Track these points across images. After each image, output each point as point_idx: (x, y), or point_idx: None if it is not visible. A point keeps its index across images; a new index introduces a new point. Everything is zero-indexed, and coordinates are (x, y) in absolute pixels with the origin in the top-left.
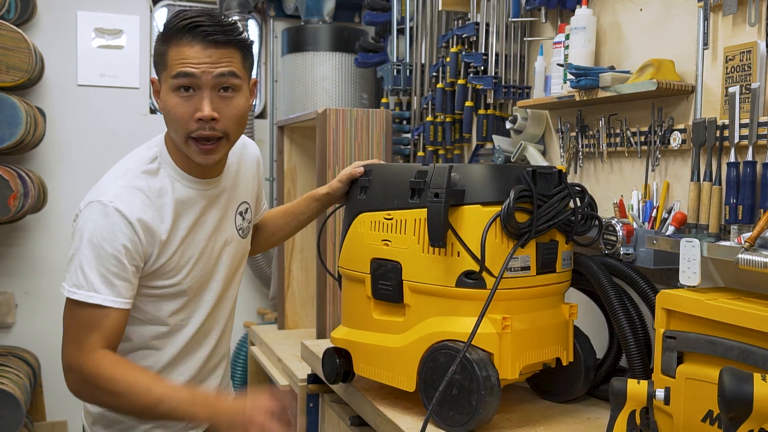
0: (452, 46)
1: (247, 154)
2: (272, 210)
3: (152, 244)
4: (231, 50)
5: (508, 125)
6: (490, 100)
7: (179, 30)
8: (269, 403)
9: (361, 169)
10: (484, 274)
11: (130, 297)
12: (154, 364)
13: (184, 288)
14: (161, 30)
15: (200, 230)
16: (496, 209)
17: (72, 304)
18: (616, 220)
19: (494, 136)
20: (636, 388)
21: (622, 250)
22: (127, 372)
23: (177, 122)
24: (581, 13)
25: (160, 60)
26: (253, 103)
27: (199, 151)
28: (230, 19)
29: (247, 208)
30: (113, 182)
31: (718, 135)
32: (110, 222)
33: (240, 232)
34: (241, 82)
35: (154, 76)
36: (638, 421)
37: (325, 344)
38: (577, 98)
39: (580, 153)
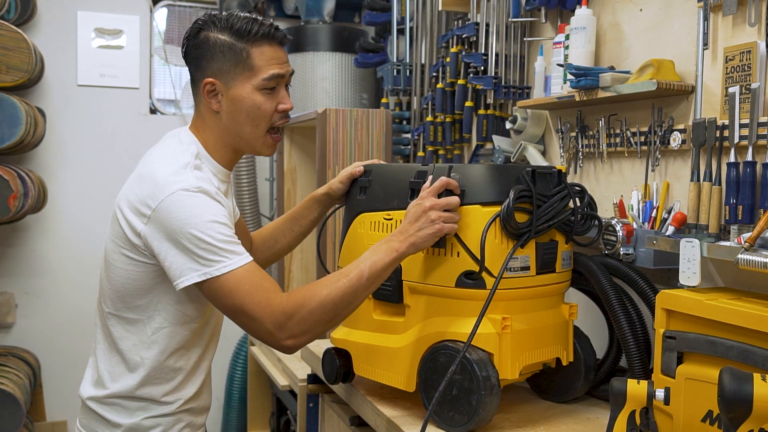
0: (452, 46)
1: None
2: (274, 220)
3: (232, 223)
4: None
5: (508, 125)
6: (490, 100)
7: (264, 35)
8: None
9: (361, 169)
10: (483, 274)
11: None
12: (185, 365)
13: None
14: (236, 31)
15: (230, 222)
16: (496, 209)
17: (224, 283)
18: (616, 220)
19: (494, 136)
20: (636, 388)
21: (622, 250)
22: (316, 283)
23: (263, 117)
24: (581, 13)
25: (238, 60)
26: None
27: (273, 142)
28: None
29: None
30: (182, 173)
31: (718, 135)
32: (204, 202)
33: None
34: None
35: (210, 78)
36: (638, 421)
37: (325, 344)
38: (577, 98)
39: (580, 153)
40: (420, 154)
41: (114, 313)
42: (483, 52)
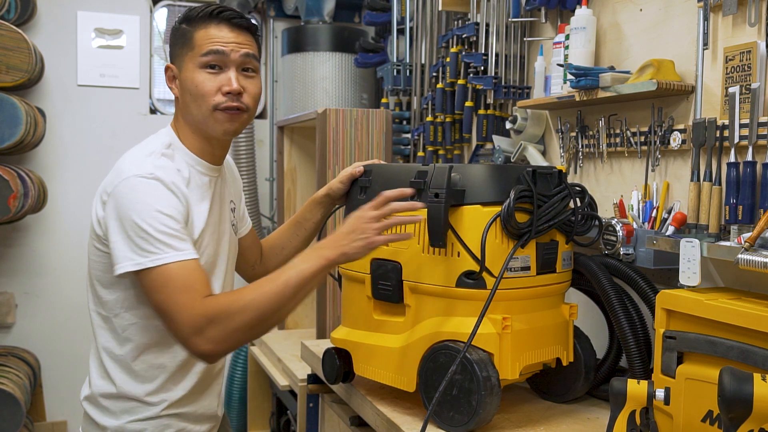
0: (452, 46)
1: (227, 159)
2: (278, 228)
3: (187, 217)
4: (250, 35)
5: (508, 125)
6: (490, 100)
7: (207, 14)
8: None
9: (361, 169)
10: (484, 274)
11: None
12: (168, 363)
13: None
14: (184, 16)
15: (213, 215)
16: (496, 209)
17: (156, 275)
18: (616, 220)
19: (494, 136)
20: (636, 388)
21: (622, 250)
22: (241, 288)
23: (203, 96)
24: (581, 13)
25: (184, 42)
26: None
27: (225, 118)
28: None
29: (234, 207)
30: (143, 161)
31: (718, 135)
32: (155, 189)
33: (233, 227)
34: (258, 66)
35: (169, 63)
36: (638, 421)
37: (325, 344)
38: (577, 98)
39: (580, 153)
40: (420, 154)
41: (94, 309)
42: (483, 52)
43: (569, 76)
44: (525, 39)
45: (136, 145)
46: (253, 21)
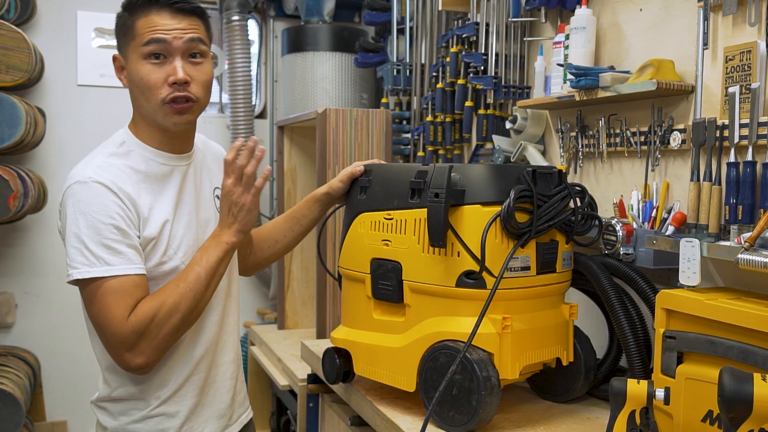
0: (452, 46)
1: (215, 149)
2: (274, 219)
3: (138, 215)
4: (196, 19)
5: (508, 125)
6: (490, 100)
7: (146, 1)
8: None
9: (362, 168)
10: (484, 274)
11: (142, 262)
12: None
13: (178, 263)
14: (125, 3)
15: (184, 203)
16: (496, 209)
17: (89, 287)
18: (616, 220)
19: (494, 136)
20: (636, 388)
21: (622, 250)
22: (159, 291)
23: (150, 89)
24: (581, 13)
25: (125, 31)
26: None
27: (174, 111)
28: None
29: (220, 194)
30: (87, 165)
31: (718, 135)
32: (96, 194)
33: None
34: (207, 50)
35: (116, 53)
36: (638, 421)
37: (325, 344)
38: (577, 98)
39: (580, 153)
40: (420, 154)
41: (84, 314)
42: (483, 52)
43: (569, 76)
44: (525, 39)
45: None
46: (200, 4)
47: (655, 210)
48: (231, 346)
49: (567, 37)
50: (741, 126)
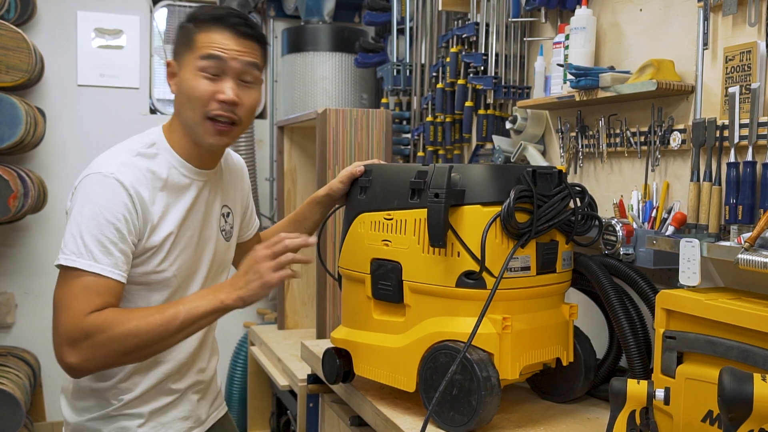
0: (452, 46)
1: (231, 161)
2: (277, 223)
3: (145, 222)
4: (255, 45)
5: (508, 125)
6: (490, 100)
7: (212, 17)
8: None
9: (362, 168)
10: (484, 274)
11: (126, 271)
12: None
13: (170, 276)
14: (191, 15)
15: (191, 219)
16: (496, 209)
17: (68, 274)
18: (616, 220)
19: (494, 136)
20: (636, 388)
21: (622, 250)
22: (132, 310)
23: (197, 100)
24: (581, 13)
25: (186, 41)
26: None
27: (215, 131)
28: (254, 20)
29: (229, 212)
30: (112, 159)
31: (717, 135)
32: (111, 191)
33: (223, 233)
34: (259, 76)
35: (170, 58)
36: (638, 421)
37: (325, 344)
38: (577, 98)
39: (580, 153)
40: (420, 154)
41: None
42: (483, 52)
43: (569, 76)
44: (525, 39)
45: (125, 140)
46: (262, 29)
47: (655, 210)
48: (205, 357)
49: (567, 37)
50: (741, 126)
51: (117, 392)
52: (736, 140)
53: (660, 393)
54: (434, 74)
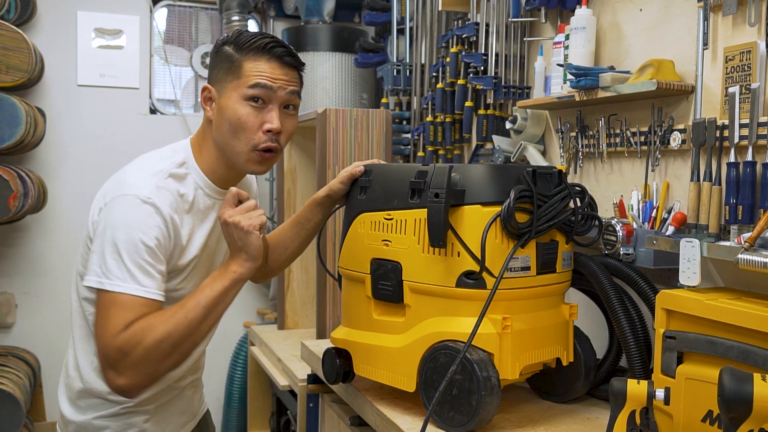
0: (452, 46)
1: (244, 181)
2: (279, 226)
3: (175, 245)
4: (297, 73)
5: (508, 125)
6: (490, 100)
7: (261, 47)
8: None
9: (362, 169)
10: (484, 274)
11: (164, 291)
12: None
13: (186, 292)
14: (233, 41)
15: (212, 239)
16: (497, 209)
17: (109, 298)
18: (616, 220)
19: (494, 136)
20: (636, 388)
21: (622, 250)
22: (153, 316)
23: (245, 131)
24: (581, 13)
25: (230, 67)
26: None
27: (261, 160)
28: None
29: None
30: (146, 180)
31: (718, 135)
32: (147, 215)
33: None
34: (299, 104)
35: (207, 84)
36: (638, 421)
37: (325, 344)
38: (577, 98)
39: (580, 153)
40: (420, 154)
41: (75, 299)
42: (483, 52)
43: (569, 76)
44: (525, 39)
45: (148, 154)
46: (301, 60)
47: (655, 210)
48: (200, 359)
49: (567, 37)
50: (741, 126)
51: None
52: (736, 140)
53: (660, 393)
54: (434, 74)
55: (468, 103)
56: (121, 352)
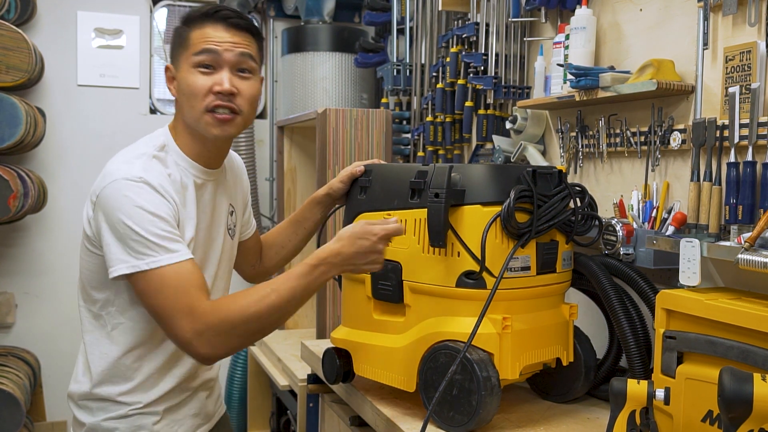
0: (452, 46)
1: (232, 161)
2: (278, 225)
3: (176, 222)
4: (249, 36)
5: (508, 125)
6: (490, 100)
7: (203, 14)
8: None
9: (362, 168)
10: (484, 274)
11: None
12: (148, 367)
13: None
14: (183, 17)
15: (203, 220)
16: (497, 209)
17: (155, 277)
18: (616, 220)
19: (494, 136)
20: (636, 388)
21: (622, 250)
22: (245, 295)
23: (195, 96)
24: (581, 13)
25: (180, 42)
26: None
27: (216, 122)
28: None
29: (232, 211)
30: (130, 164)
31: (718, 135)
32: (148, 193)
33: (229, 231)
34: (256, 67)
35: (169, 63)
36: (638, 421)
37: (325, 344)
38: (577, 98)
39: (580, 153)
40: (420, 154)
41: (83, 305)
42: (483, 52)
43: (569, 76)
44: (525, 39)
45: (128, 146)
46: (255, 22)
47: (655, 210)
48: None
49: (567, 37)
50: (741, 126)
51: (136, 395)
52: (736, 140)
53: (660, 393)
54: (434, 74)
55: (468, 103)
56: (207, 326)
